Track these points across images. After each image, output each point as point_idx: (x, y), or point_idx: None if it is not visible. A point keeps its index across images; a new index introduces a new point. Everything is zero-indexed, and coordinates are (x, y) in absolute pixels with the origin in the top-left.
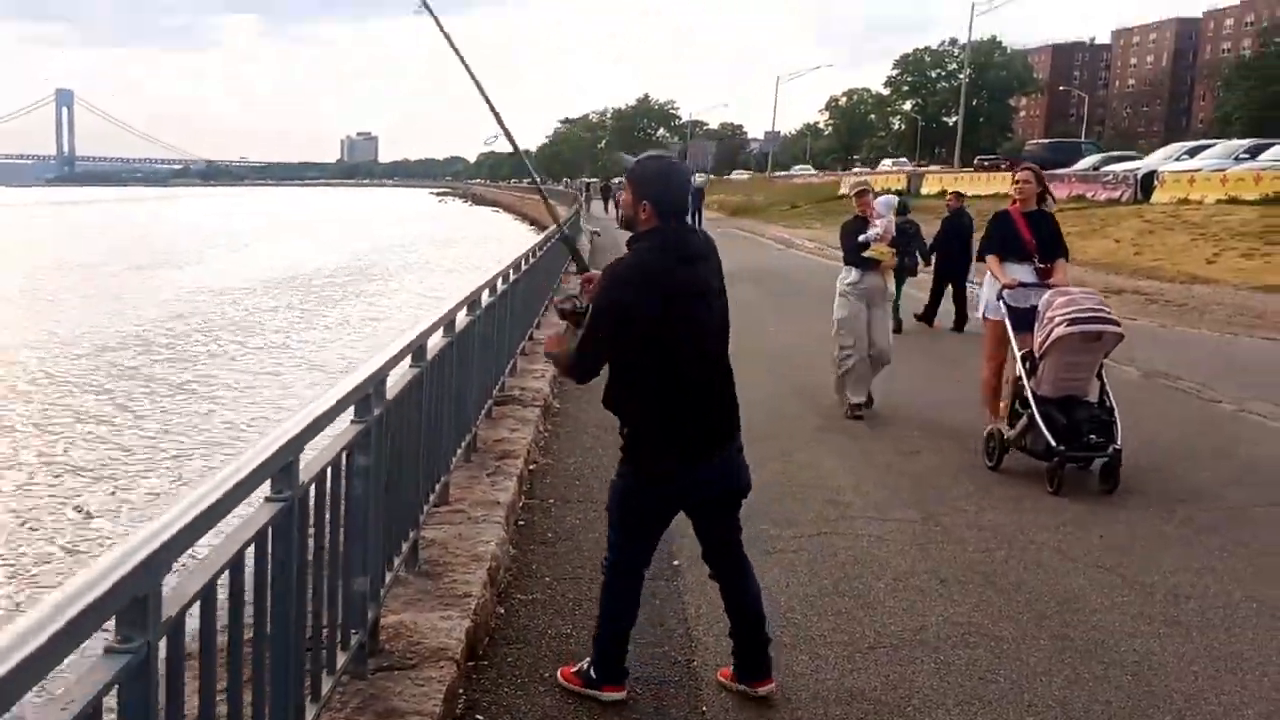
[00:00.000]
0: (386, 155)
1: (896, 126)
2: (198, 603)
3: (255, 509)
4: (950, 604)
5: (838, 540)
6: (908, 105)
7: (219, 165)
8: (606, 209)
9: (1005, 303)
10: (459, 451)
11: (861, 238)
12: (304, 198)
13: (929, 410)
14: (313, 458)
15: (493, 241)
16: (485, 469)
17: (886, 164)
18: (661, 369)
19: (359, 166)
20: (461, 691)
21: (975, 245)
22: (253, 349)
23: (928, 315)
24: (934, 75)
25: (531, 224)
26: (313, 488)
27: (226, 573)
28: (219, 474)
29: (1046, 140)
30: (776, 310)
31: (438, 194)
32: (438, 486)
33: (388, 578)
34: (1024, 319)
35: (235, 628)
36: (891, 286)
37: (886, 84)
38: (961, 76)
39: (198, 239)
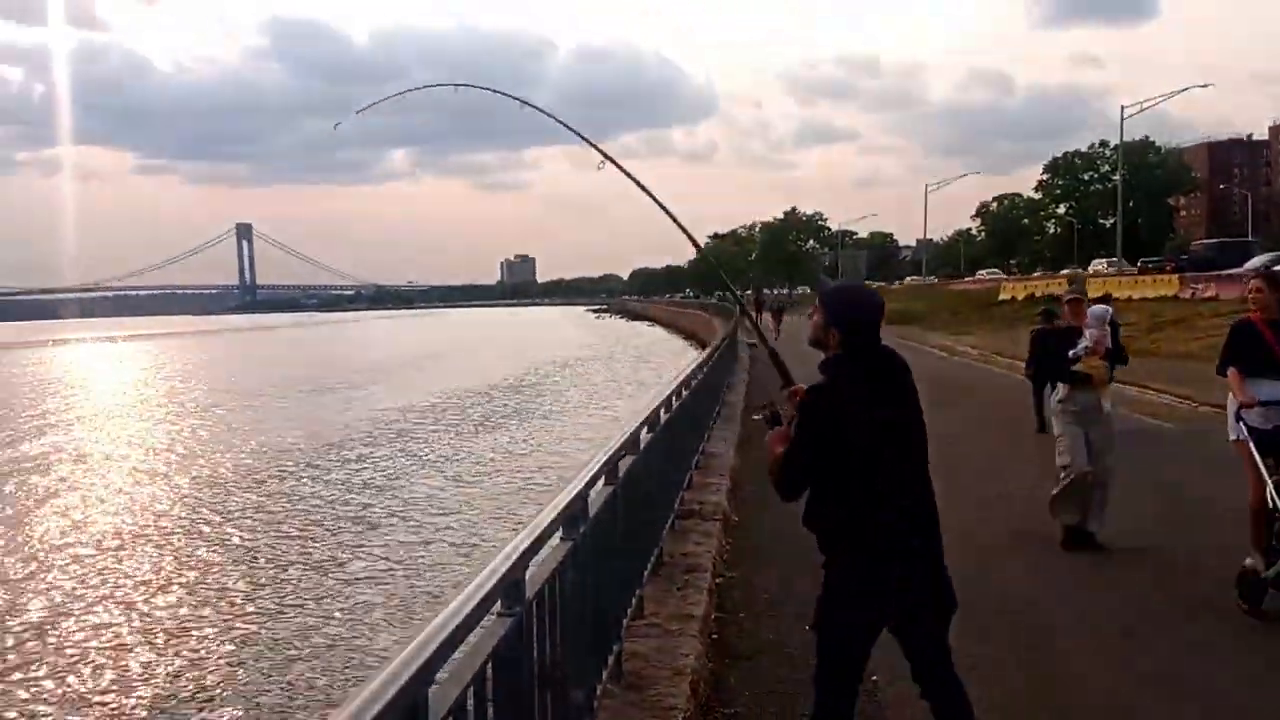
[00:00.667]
0: (544, 275)
1: (1051, 230)
2: (453, 715)
3: (490, 624)
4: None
5: (1038, 657)
6: (1061, 209)
7: (388, 289)
8: (760, 320)
9: (1245, 423)
10: (649, 566)
11: (1071, 352)
12: (472, 317)
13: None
14: (534, 574)
15: (653, 357)
16: (675, 583)
17: (1099, 264)
18: (861, 487)
19: (519, 286)
20: None
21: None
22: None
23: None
24: (1086, 178)
25: (687, 337)
26: (535, 604)
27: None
28: (463, 594)
29: (1212, 240)
30: (944, 418)
31: (594, 310)
32: (634, 600)
33: (598, 689)
34: (1272, 440)
35: None
36: (1108, 404)
37: (1038, 188)
38: (1116, 178)
39: (381, 358)
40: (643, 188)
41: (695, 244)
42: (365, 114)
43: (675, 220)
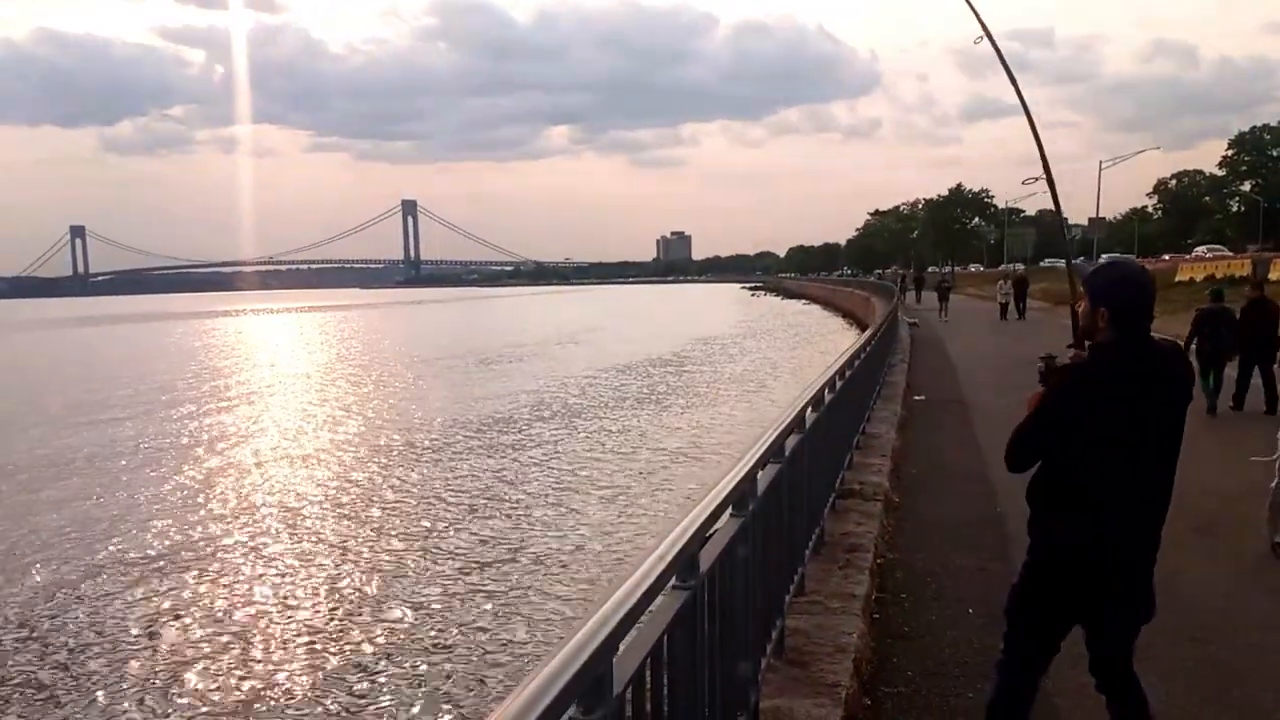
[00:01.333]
0: (699, 253)
1: (1235, 209)
2: (633, 684)
3: (665, 598)
4: None
5: (1215, 650)
6: (1246, 186)
7: (546, 266)
8: (919, 299)
9: None
10: (810, 544)
11: None
12: (628, 294)
13: None
14: (705, 550)
15: (811, 336)
16: (836, 562)
17: (1200, 250)
18: (1086, 490)
19: (675, 264)
20: None
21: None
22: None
23: (1238, 400)
24: (1275, 154)
25: (844, 316)
26: (706, 579)
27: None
28: (642, 568)
29: None
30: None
31: (750, 288)
32: (796, 578)
33: (763, 664)
34: None
35: (656, 706)
36: None
37: (1221, 164)
38: None
39: (559, 331)
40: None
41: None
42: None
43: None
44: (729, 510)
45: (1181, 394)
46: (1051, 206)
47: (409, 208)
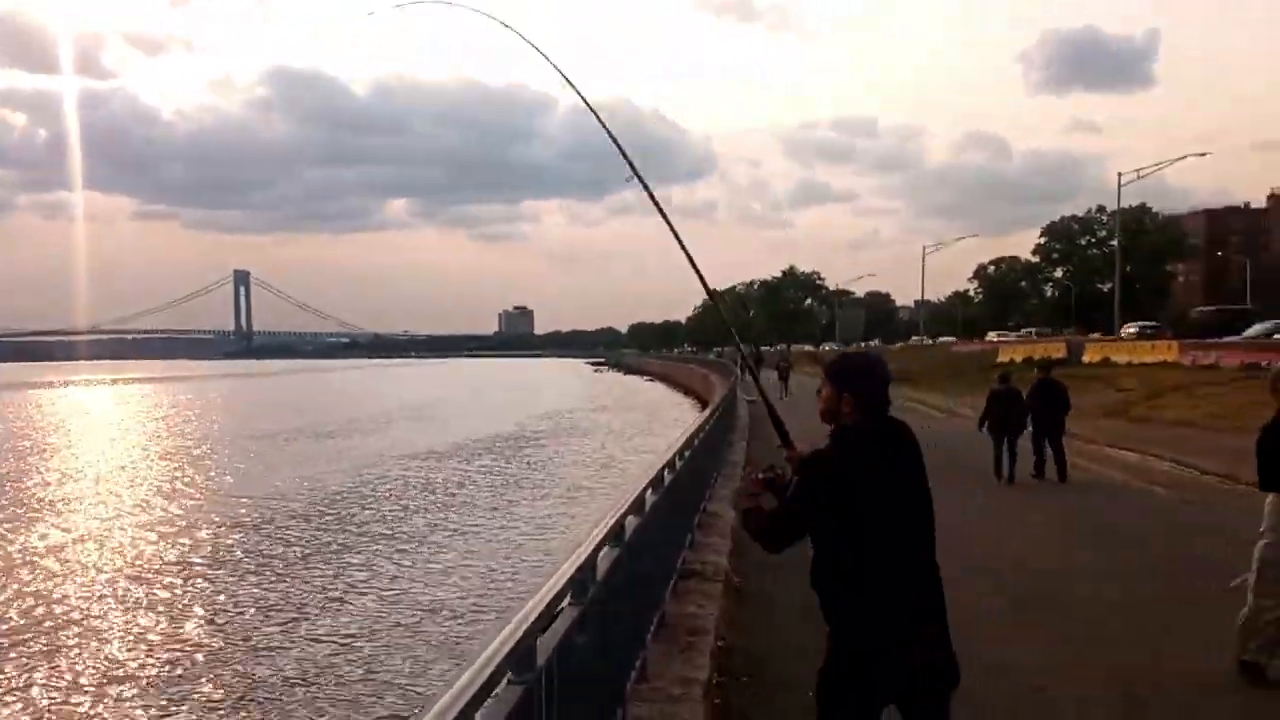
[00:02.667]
0: (541, 327)
1: (1048, 293)
2: None
3: (501, 692)
4: None
5: None
6: (1058, 273)
7: (385, 338)
8: (757, 379)
9: None
10: (652, 628)
11: None
12: (467, 368)
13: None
14: (543, 639)
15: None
16: (678, 645)
17: (1026, 332)
18: (868, 550)
19: (517, 338)
20: None
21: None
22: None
23: (1038, 469)
24: (1083, 243)
25: (685, 393)
26: (544, 672)
27: None
28: (475, 665)
29: (1212, 308)
30: (946, 483)
31: (593, 364)
32: (638, 663)
33: None
34: None
35: None
36: None
37: (1035, 252)
38: (1113, 243)
39: (379, 408)
40: (661, 212)
41: (704, 282)
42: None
43: (685, 250)
44: (568, 597)
45: (921, 461)
46: (880, 289)
47: (241, 277)
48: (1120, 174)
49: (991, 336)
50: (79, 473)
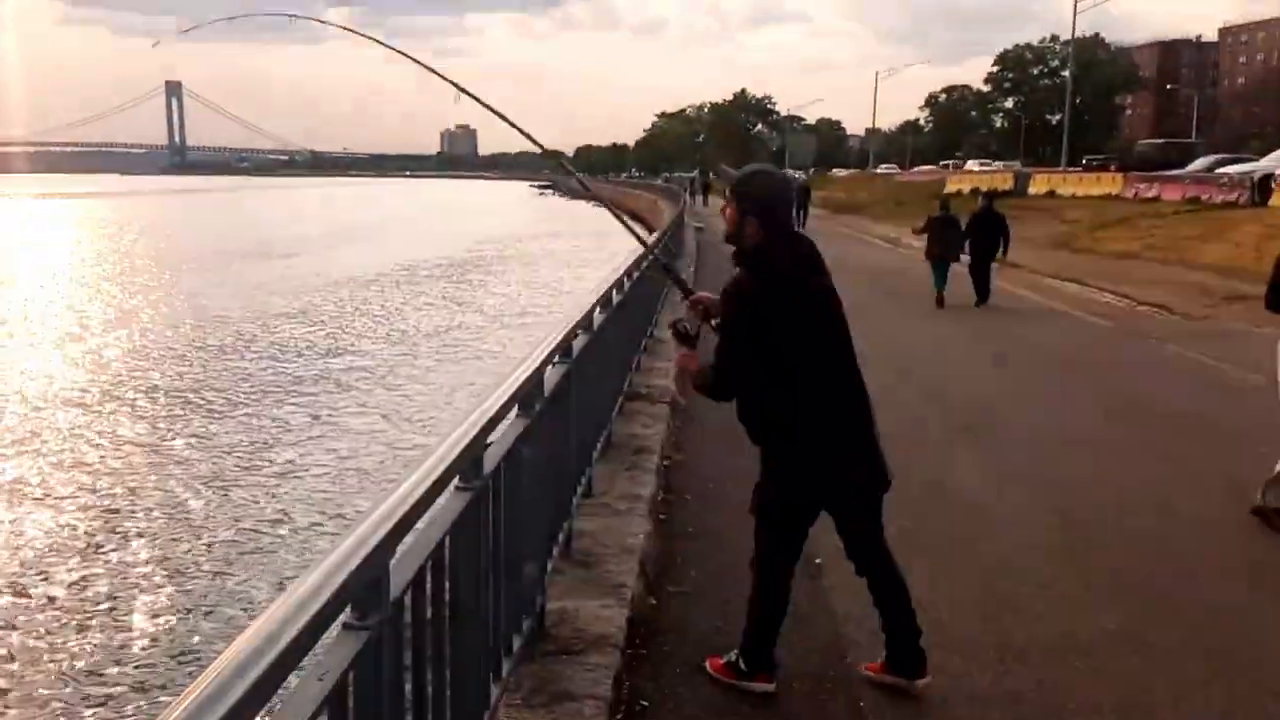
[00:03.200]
0: (485, 148)
1: (999, 124)
2: (412, 587)
3: (448, 500)
4: (1100, 611)
5: (978, 543)
6: (1009, 103)
7: (324, 156)
8: (706, 203)
9: None
10: (598, 446)
11: None
12: (409, 188)
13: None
14: (490, 451)
15: (598, 235)
16: (623, 464)
17: (973, 165)
18: (798, 371)
19: (459, 159)
20: (624, 678)
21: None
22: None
23: (981, 293)
24: (1036, 73)
25: (632, 218)
26: (491, 479)
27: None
28: (424, 466)
29: (1158, 140)
30: (893, 310)
31: (537, 187)
32: (583, 479)
33: (549, 566)
34: None
35: (438, 610)
36: None
37: (987, 80)
38: (1065, 74)
39: (315, 228)
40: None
41: (524, 133)
42: None
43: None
44: (515, 410)
45: (828, 273)
46: (832, 116)
47: (173, 89)
48: (1076, 1)
49: (943, 164)
50: (18, 296)
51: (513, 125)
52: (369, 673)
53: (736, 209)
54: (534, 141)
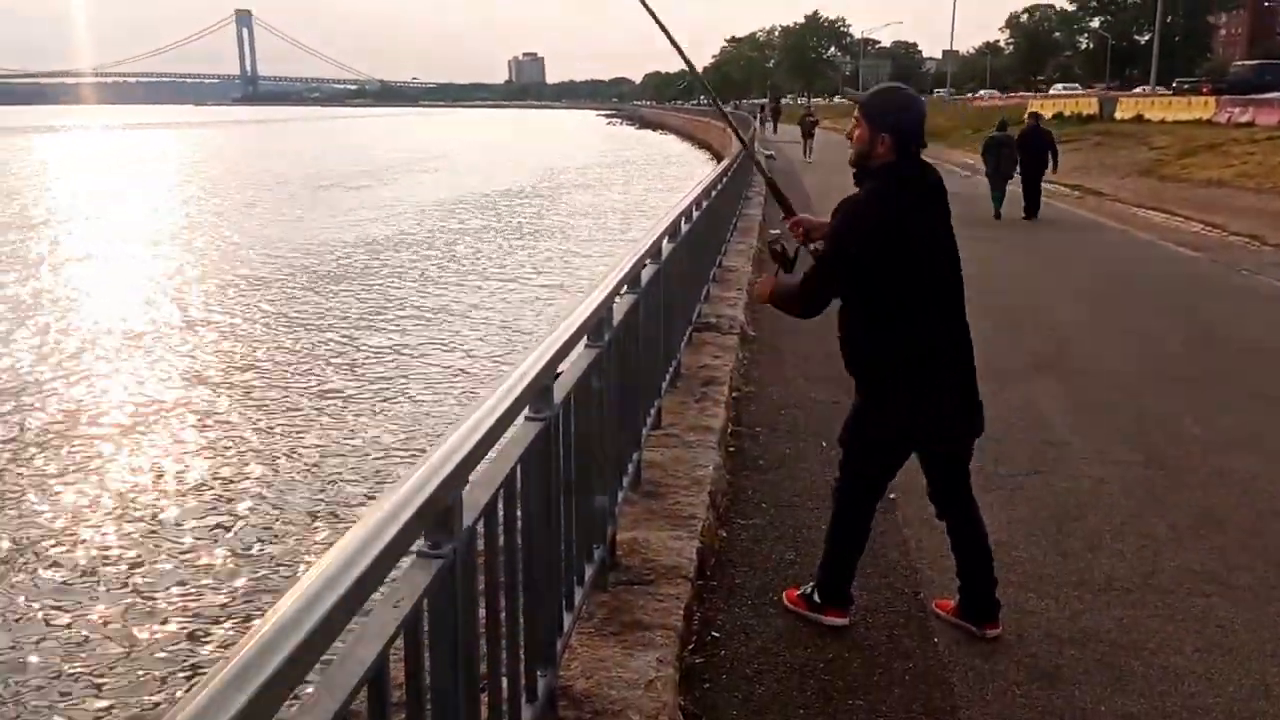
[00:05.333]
0: (554, 76)
1: (1084, 45)
2: (484, 516)
3: (518, 429)
4: (1181, 550)
5: (1057, 480)
6: (1095, 22)
7: (393, 86)
8: (776, 130)
9: None
10: (667, 378)
11: None
12: (477, 118)
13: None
14: (559, 381)
15: (673, 164)
16: (693, 395)
17: (1057, 88)
18: (906, 306)
19: (527, 88)
20: (695, 609)
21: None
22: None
23: (1030, 210)
24: None
25: (702, 148)
26: (561, 410)
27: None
28: (494, 396)
29: (1252, 62)
30: (973, 243)
31: (605, 116)
32: (652, 411)
33: (619, 497)
34: None
35: (510, 539)
36: None
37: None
38: None
39: (392, 158)
40: None
41: (676, 45)
42: None
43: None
44: (584, 340)
45: (948, 208)
46: (908, 40)
47: (243, 18)
48: None
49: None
50: (99, 224)
51: (671, 41)
52: (444, 599)
53: (869, 125)
54: (685, 59)
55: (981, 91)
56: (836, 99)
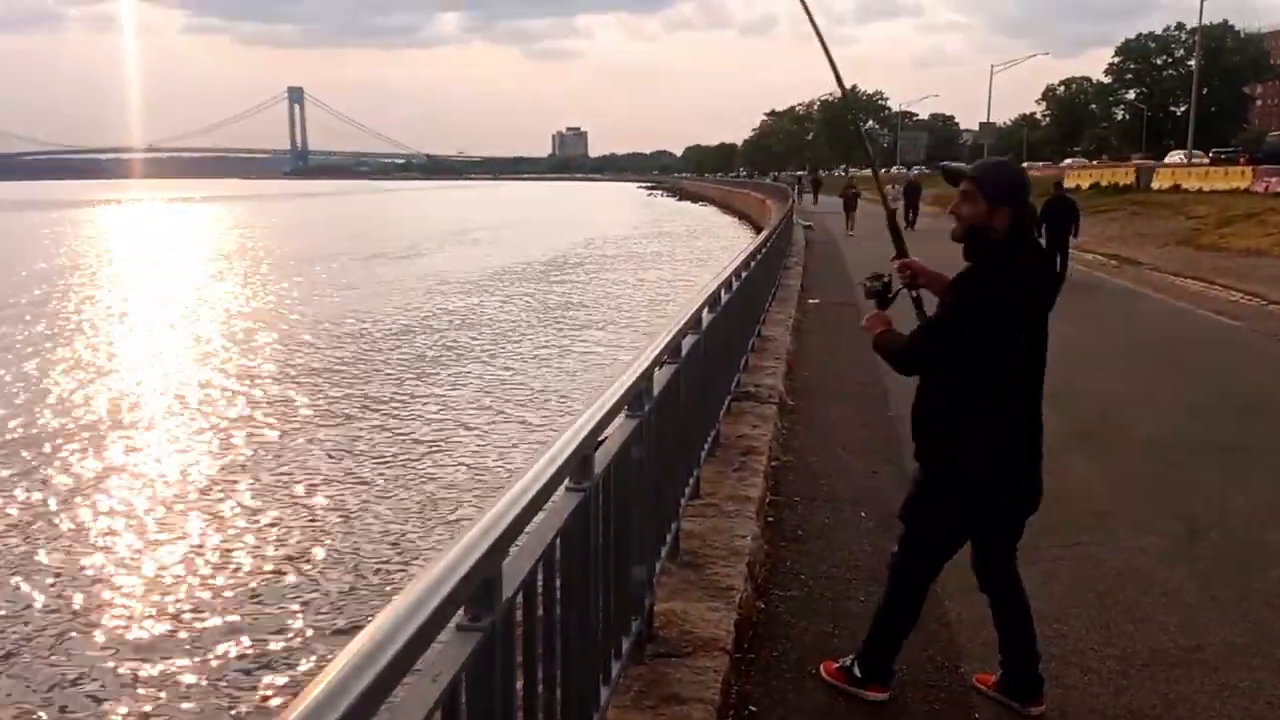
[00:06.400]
0: (596, 150)
1: (1119, 117)
2: (524, 588)
3: (558, 500)
4: (1227, 624)
5: (1098, 551)
6: (1131, 95)
7: (439, 159)
8: (816, 201)
9: None
10: (705, 447)
11: None
12: (523, 191)
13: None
14: (599, 451)
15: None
16: (731, 464)
17: (1176, 155)
18: (1003, 385)
19: (570, 160)
20: (733, 682)
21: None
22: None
23: (1060, 273)
24: (1159, 63)
25: (739, 218)
26: (601, 480)
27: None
28: (535, 467)
29: None
30: None
31: (646, 188)
32: (691, 480)
33: (657, 567)
34: None
35: (549, 611)
36: None
37: (1108, 72)
38: (1190, 63)
39: (447, 229)
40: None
41: (835, 71)
42: None
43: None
44: (624, 411)
45: (1056, 284)
46: (944, 112)
47: (295, 95)
48: None
49: (1067, 161)
50: (143, 296)
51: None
52: (482, 673)
53: (986, 199)
54: (840, 85)
55: (1025, 163)
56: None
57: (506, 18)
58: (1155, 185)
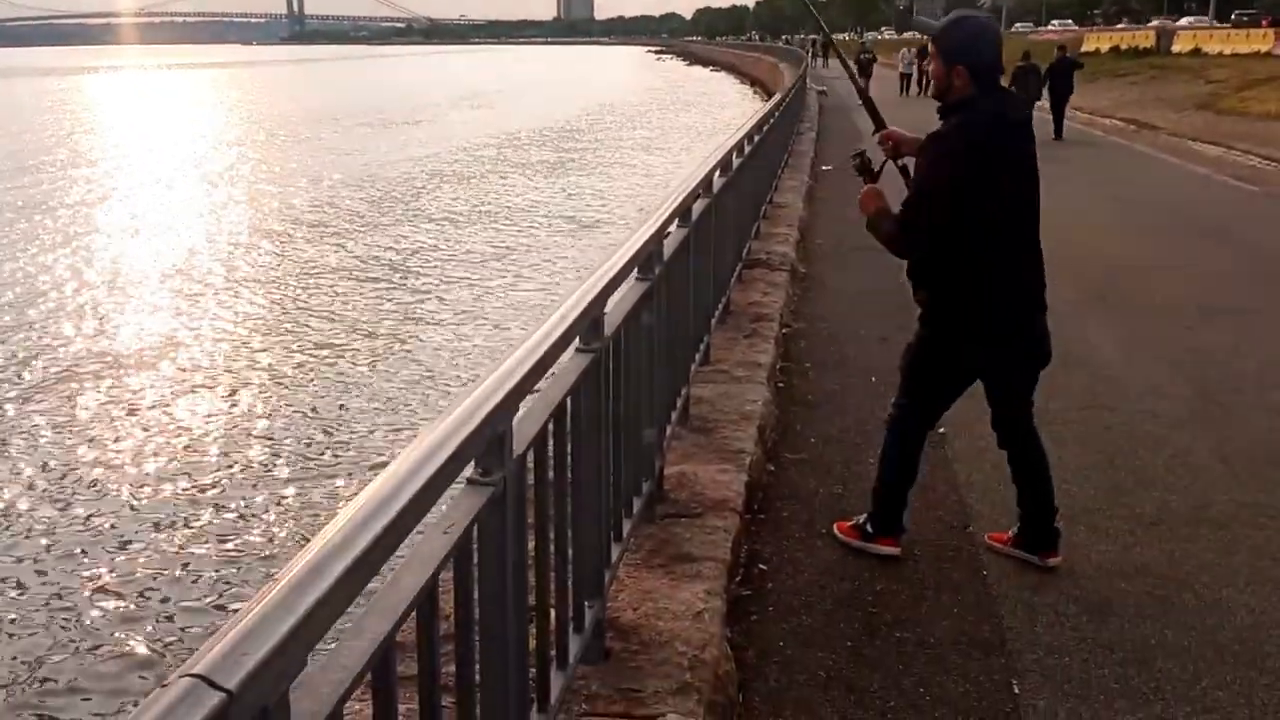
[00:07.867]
0: (602, 12)
1: None
2: (534, 445)
3: (569, 360)
4: (1234, 484)
5: (1108, 415)
6: None
7: (441, 23)
8: (827, 64)
9: None
10: (716, 313)
11: None
12: (531, 55)
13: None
14: (609, 314)
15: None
16: (742, 331)
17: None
18: (985, 241)
19: (576, 24)
20: (743, 542)
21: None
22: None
23: (1057, 132)
24: None
25: (752, 84)
26: (611, 342)
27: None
28: (544, 326)
29: None
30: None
31: (655, 52)
32: (701, 346)
33: (668, 431)
34: None
35: (559, 469)
36: None
37: None
38: None
39: (452, 92)
40: None
41: None
42: None
43: None
44: (634, 273)
45: (1033, 137)
46: None
47: None
48: None
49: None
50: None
51: None
52: (493, 527)
53: (942, 59)
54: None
55: (1054, 23)
56: (884, 33)
57: None
58: (1175, 48)
